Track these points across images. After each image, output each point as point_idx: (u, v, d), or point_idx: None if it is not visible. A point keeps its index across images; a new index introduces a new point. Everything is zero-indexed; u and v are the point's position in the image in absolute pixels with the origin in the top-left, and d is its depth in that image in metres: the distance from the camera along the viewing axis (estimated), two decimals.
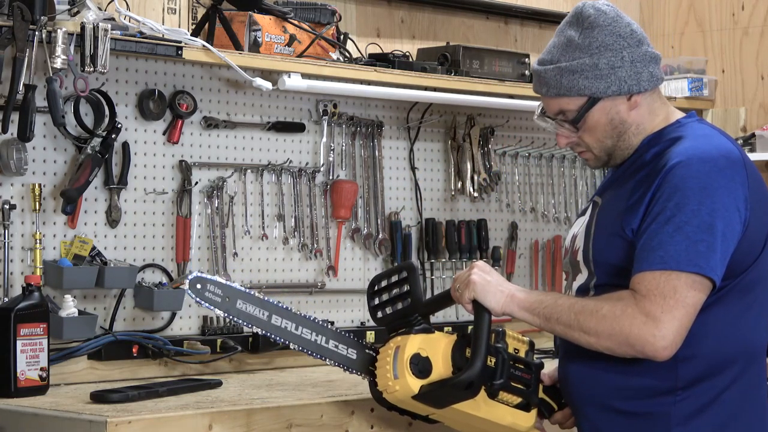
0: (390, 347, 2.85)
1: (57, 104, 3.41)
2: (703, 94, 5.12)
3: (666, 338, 2.59)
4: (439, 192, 4.63)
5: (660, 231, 2.64)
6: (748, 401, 2.76)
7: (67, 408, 3.01)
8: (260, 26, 3.88)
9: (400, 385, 2.81)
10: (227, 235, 3.98)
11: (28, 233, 3.54)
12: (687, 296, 2.60)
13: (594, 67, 2.78)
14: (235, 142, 4.04)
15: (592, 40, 2.79)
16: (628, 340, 2.62)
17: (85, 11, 3.46)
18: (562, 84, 2.81)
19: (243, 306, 2.88)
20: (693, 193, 2.64)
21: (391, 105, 4.45)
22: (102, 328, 3.69)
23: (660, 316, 2.59)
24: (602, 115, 2.82)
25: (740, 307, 2.73)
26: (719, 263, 2.63)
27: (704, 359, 2.69)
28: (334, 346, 2.94)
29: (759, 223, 2.71)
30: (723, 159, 2.69)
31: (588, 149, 2.87)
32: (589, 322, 2.67)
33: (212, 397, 3.22)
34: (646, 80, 2.81)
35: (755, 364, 2.78)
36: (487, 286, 2.79)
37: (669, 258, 2.61)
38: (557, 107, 2.85)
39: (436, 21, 4.72)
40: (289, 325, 2.91)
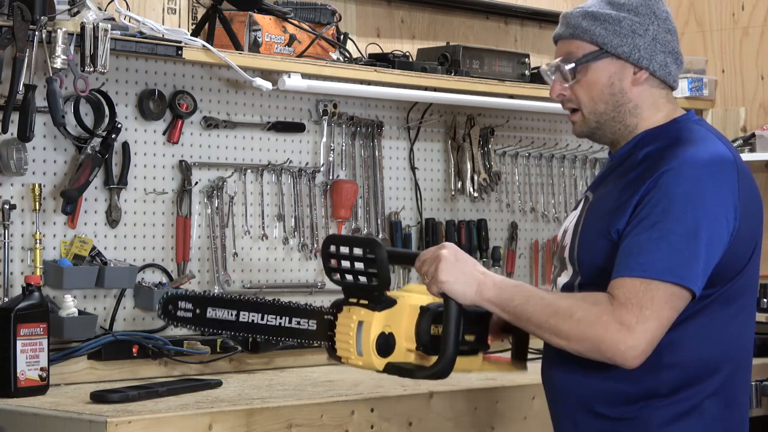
0: (352, 320, 2.78)
1: (57, 104, 3.41)
2: (703, 94, 5.12)
3: (637, 348, 2.56)
4: (439, 192, 4.63)
5: (643, 237, 2.60)
6: (731, 409, 2.74)
7: (67, 408, 3.01)
8: (260, 26, 3.88)
9: (363, 362, 2.78)
10: (227, 235, 3.99)
11: (28, 233, 3.54)
12: (663, 308, 2.56)
13: (617, 23, 2.74)
14: (235, 142, 4.04)
15: (627, 2, 2.76)
16: (600, 347, 2.58)
17: (85, 11, 3.46)
18: (580, 25, 2.76)
19: (213, 313, 2.84)
20: (680, 200, 2.60)
21: (391, 105, 4.45)
22: (102, 328, 3.69)
23: (634, 326, 2.55)
24: (604, 73, 2.76)
25: (726, 316, 2.69)
26: (701, 274, 2.59)
27: (688, 367, 2.67)
28: (296, 323, 2.86)
29: (748, 231, 2.68)
30: (715, 166, 2.65)
31: (579, 107, 2.79)
32: (562, 325, 2.61)
33: (212, 397, 3.22)
34: (659, 64, 2.77)
35: (739, 372, 2.76)
36: (453, 285, 2.69)
37: (650, 266, 2.57)
38: (566, 50, 2.78)
39: (436, 21, 4.72)
40: (256, 317, 2.86)
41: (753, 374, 4.26)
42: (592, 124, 2.79)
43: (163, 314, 2.84)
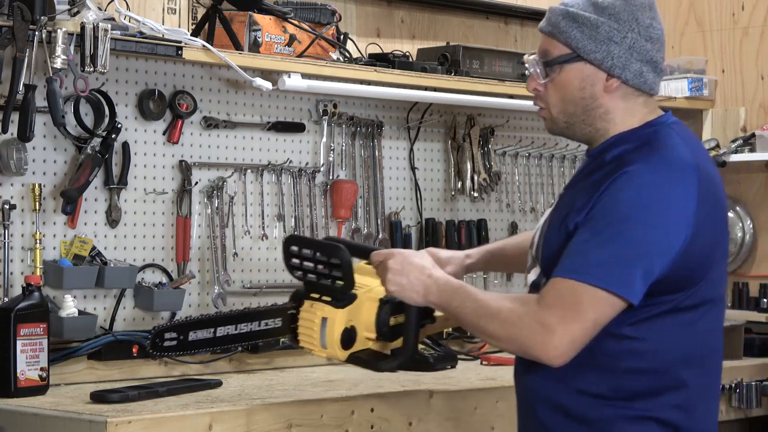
0: (316, 315, 2.90)
1: (57, 104, 3.41)
2: (703, 94, 5.12)
3: (558, 349, 2.59)
4: (439, 192, 4.63)
5: (584, 239, 2.62)
6: (696, 415, 2.72)
7: (67, 408, 3.01)
8: (260, 26, 3.88)
9: (327, 354, 2.93)
10: (227, 235, 3.99)
11: (28, 233, 3.54)
12: (589, 311, 2.58)
13: (594, 28, 2.71)
14: (235, 142, 4.04)
15: (609, 6, 2.73)
16: (524, 348, 2.64)
17: (85, 11, 3.46)
18: (559, 25, 2.75)
19: (194, 335, 2.94)
20: (627, 207, 2.60)
21: (391, 105, 4.45)
22: (102, 328, 3.69)
23: (555, 327, 2.59)
24: (576, 77, 2.74)
25: (689, 322, 2.68)
26: (639, 282, 2.58)
27: (650, 373, 2.66)
28: (265, 324, 2.99)
29: (708, 238, 2.66)
30: (672, 173, 2.63)
31: (547, 107, 2.79)
32: (490, 326, 2.69)
33: (212, 397, 3.22)
34: (633, 73, 2.73)
35: (704, 379, 2.73)
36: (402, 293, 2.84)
37: (583, 269, 2.59)
38: (545, 47, 2.78)
39: (436, 21, 4.72)
40: (230, 329, 2.98)
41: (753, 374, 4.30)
42: (561, 124, 2.80)
43: (152, 349, 2.92)
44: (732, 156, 4.93)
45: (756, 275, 5.01)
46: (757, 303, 4.87)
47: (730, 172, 5.10)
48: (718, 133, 5.08)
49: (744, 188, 5.12)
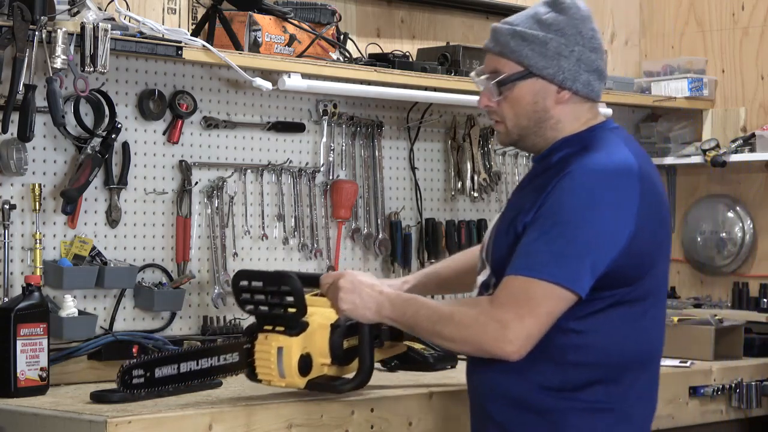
0: (271, 346, 3.02)
1: (57, 104, 3.41)
2: (703, 94, 5.12)
3: (514, 344, 2.69)
4: (439, 192, 4.63)
5: (532, 238, 2.73)
6: (638, 406, 2.84)
7: (67, 408, 3.01)
8: (260, 26, 3.88)
9: (286, 383, 3.04)
10: (227, 235, 3.99)
11: (28, 233, 3.54)
12: (541, 305, 2.69)
13: (543, 44, 2.83)
14: (235, 142, 4.04)
15: (554, 22, 2.84)
16: (480, 346, 2.74)
17: (85, 11, 3.46)
18: (508, 45, 2.86)
19: (159, 372, 3.01)
20: (572, 205, 2.71)
21: (391, 105, 4.45)
22: (102, 328, 3.69)
23: (509, 323, 2.69)
24: (529, 92, 2.86)
25: (632, 316, 2.78)
26: (586, 275, 2.69)
27: (594, 366, 2.77)
28: (224, 359, 3.08)
29: (650, 236, 2.76)
30: (614, 173, 2.74)
31: (503, 120, 2.91)
32: (445, 330, 2.79)
33: (212, 397, 3.22)
34: (582, 83, 2.85)
35: (648, 372, 2.86)
36: (355, 311, 2.96)
37: (532, 266, 2.70)
38: (494, 66, 2.89)
39: (436, 21, 4.72)
40: (192, 365, 3.06)
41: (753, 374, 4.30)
42: (515, 136, 2.92)
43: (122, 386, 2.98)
44: (732, 156, 4.93)
45: (756, 275, 5.01)
46: (757, 303, 4.87)
47: (730, 172, 5.10)
48: (718, 133, 5.08)
49: (744, 188, 5.12)
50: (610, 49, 5.26)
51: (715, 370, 4.16)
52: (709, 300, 5.09)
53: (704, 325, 4.34)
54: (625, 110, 5.22)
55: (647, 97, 5.07)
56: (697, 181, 5.24)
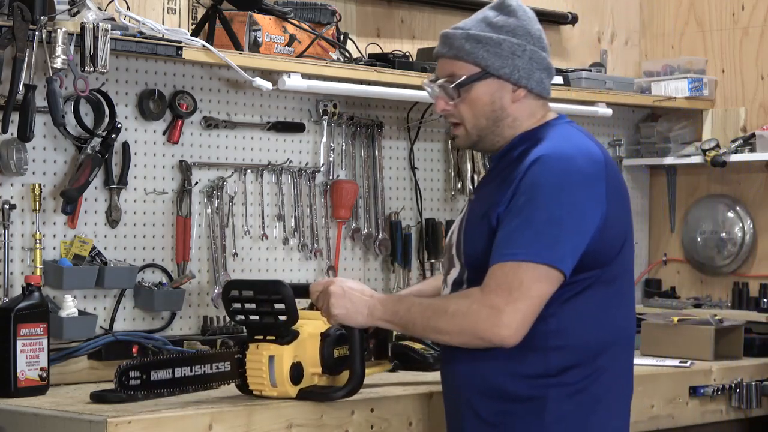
0: (262, 355, 3.05)
1: (57, 104, 3.41)
2: (703, 94, 5.11)
3: (510, 328, 2.75)
4: (439, 192, 4.63)
5: (512, 226, 2.80)
6: (617, 385, 2.93)
7: (67, 408, 3.01)
8: (260, 26, 3.88)
9: (278, 392, 3.06)
10: (227, 235, 3.99)
11: (28, 233, 3.54)
12: (532, 288, 2.76)
13: (497, 45, 2.94)
14: (235, 142, 4.04)
15: (505, 24, 2.95)
16: (477, 334, 2.79)
17: (85, 11, 3.46)
18: (464, 48, 2.95)
19: (156, 375, 3.03)
20: (545, 189, 2.79)
21: (391, 105, 4.45)
22: (102, 328, 3.69)
23: (503, 308, 2.75)
24: (486, 92, 2.96)
25: (605, 299, 2.88)
26: (568, 255, 2.78)
27: (574, 348, 2.85)
28: (216, 368, 3.09)
29: (617, 219, 2.86)
30: (580, 157, 2.84)
31: (462, 122, 3.00)
32: (440, 323, 2.85)
33: (212, 397, 3.22)
34: (536, 81, 2.96)
35: (623, 353, 2.94)
36: (347, 316, 3.00)
37: (517, 250, 2.77)
38: (450, 70, 2.98)
39: (436, 21, 4.72)
40: (186, 371, 3.07)
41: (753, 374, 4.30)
42: (474, 137, 3.01)
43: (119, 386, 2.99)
44: (732, 156, 4.93)
45: (756, 275, 5.01)
46: (757, 303, 4.87)
47: (730, 172, 5.10)
48: (718, 133, 5.08)
49: (744, 188, 5.12)
50: (610, 49, 5.26)
51: (715, 370, 4.16)
52: (709, 300, 5.09)
53: (704, 325, 4.34)
54: (625, 110, 5.22)
55: (647, 97, 5.07)
56: (697, 181, 5.24)
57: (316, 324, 3.11)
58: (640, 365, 4.09)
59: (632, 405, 3.04)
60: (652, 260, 5.33)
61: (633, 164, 5.25)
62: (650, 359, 4.23)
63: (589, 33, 5.22)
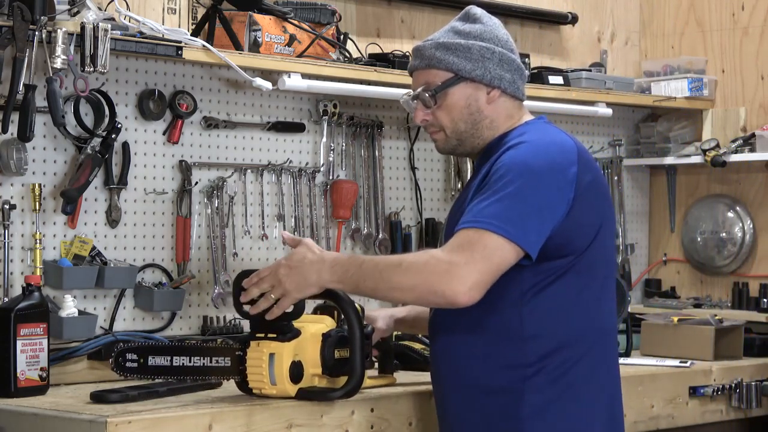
0: (263, 352, 3.04)
1: (57, 104, 3.41)
2: (703, 94, 5.11)
3: (464, 284, 2.75)
4: (439, 192, 4.63)
5: (480, 200, 2.83)
6: (597, 377, 2.93)
7: (67, 408, 3.01)
8: (260, 26, 3.88)
9: (278, 390, 3.05)
10: (227, 235, 3.99)
11: (28, 233, 3.54)
12: (494, 254, 2.77)
13: (467, 50, 3.01)
14: (235, 142, 4.04)
15: (471, 30, 3.03)
16: (431, 287, 2.78)
17: (85, 11, 3.46)
18: (434, 56, 3.02)
19: (153, 360, 3.05)
20: (515, 173, 2.83)
21: (391, 105, 4.45)
22: (102, 328, 3.69)
23: (462, 265, 2.76)
24: (462, 96, 3.02)
25: (581, 287, 2.90)
26: (533, 234, 2.80)
27: (551, 337, 2.87)
28: (216, 362, 3.08)
29: (590, 207, 2.89)
30: (553, 146, 2.90)
31: (441, 129, 3.06)
32: (393, 276, 2.83)
33: (212, 397, 3.22)
34: (508, 82, 3.03)
35: (602, 343, 2.96)
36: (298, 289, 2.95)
37: (482, 219, 2.79)
38: (424, 80, 3.05)
39: (436, 21, 4.71)
40: (185, 360, 3.08)
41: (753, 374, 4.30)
42: (454, 142, 3.07)
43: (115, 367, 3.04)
44: (732, 156, 4.93)
45: (756, 275, 5.01)
46: (757, 303, 4.87)
47: (730, 172, 5.10)
48: (718, 133, 5.08)
49: (744, 188, 5.12)
50: (610, 49, 5.26)
51: (715, 370, 4.16)
52: (709, 300, 5.09)
53: (704, 325, 4.34)
54: (625, 110, 5.22)
55: (647, 97, 5.07)
56: (697, 181, 5.24)
57: (318, 326, 3.11)
58: (640, 365, 4.10)
59: (632, 405, 3.04)
60: (652, 260, 5.33)
61: (633, 164, 5.25)
62: (650, 359, 4.23)
63: (589, 33, 5.22)
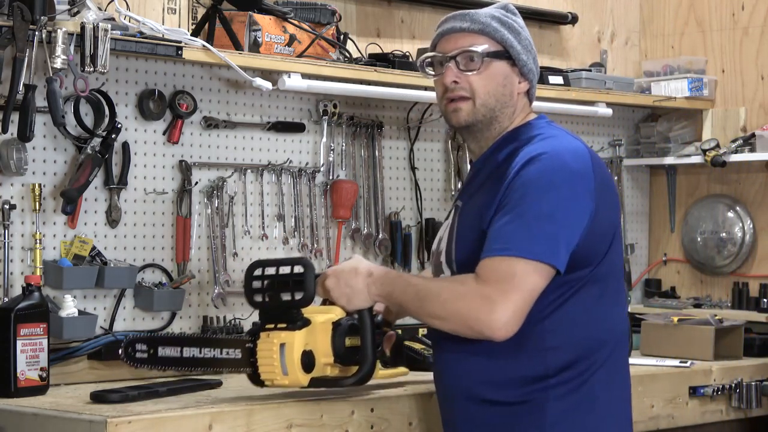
0: (273, 343, 3.00)
1: (57, 104, 3.41)
2: (703, 94, 5.11)
3: (501, 320, 2.73)
4: (439, 192, 4.63)
5: (503, 221, 2.78)
6: (614, 383, 2.92)
7: (67, 408, 3.01)
8: (260, 26, 3.88)
9: (289, 380, 3.01)
10: (227, 235, 3.99)
11: (28, 233, 3.54)
12: (525, 281, 2.74)
13: (518, 33, 2.98)
14: (235, 142, 4.04)
15: (516, 21, 3.00)
16: (467, 323, 2.77)
17: (85, 11, 3.46)
18: (490, 24, 2.95)
19: (163, 351, 3.03)
20: (537, 187, 2.78)
21: (391, 105, 4.45)
22: (102, 328, 3.69)
23: (496, 299, 2.73)
24: (501, 72, 2.95)
25: (598, 297, 2.88)
26: (562, 250, 2.77)
27: (571, 347, 2.84)
28: (226, 353, 3.07)
29: (606, 217, 2.87)
30: (569, 155, 2.84)
31: (471, 96, 2.95)
32: (432, 307, 2.83)
33: (212, 397, 3.22)
34: (534, 80, 3.01)
35: (618, 349, 2.94)
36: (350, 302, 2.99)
37: (509, 245, 2.75)
38: (469, 42, 2.96)
39: (436, 21, 4.68)
40: (195, 352, 3.06)
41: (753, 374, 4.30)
42: (479, 116, 2.97)
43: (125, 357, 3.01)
44: (732, 156, 4.93)
45: (756, 275, 5.01)
46: (757, 303, 4.87)
47: (730, 172, 5.10)
48: (718, 133, 5.08)
49: (744, 188, 5.12)
50: (610, 49, 5.26)
51: (715, 370, 4.16)
52: (709, 300, 5.09)
53: (704, 325, 4.34)
54: (625, 110, 5.22)
55: (647, 97, 5.07)
56: (697, 181, 5.24)
57: (328, 315, 3.08)
58: (640, 365, 4.10)
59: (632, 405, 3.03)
60: (652, 260, 5.33)
61: (633, 164, 5.25)
62: (650, 359, 4.23)
63: (589, 33, 5.22)
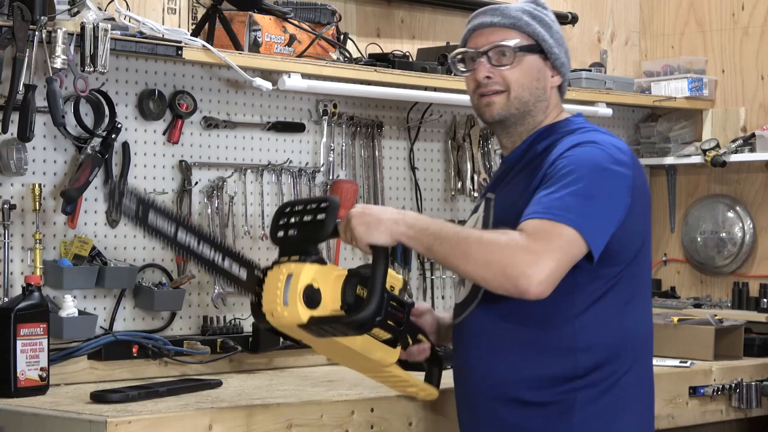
0: (282, 272, 2.84)
1: (57, 104, 3.41)
2: (703, 94, 5.12)
3: (541, 275, 2.62)
4: (439, 192, 4.63)
5: (549, 191, 2.72)
6: (641, 384, 2.89)
7: (67, 408, 3.01)
8: (260, 26, 3.88)
9: (288, 312, 2.81)
10: (227, 235, 3.99)
11: (28, 233, 3.54)
12: (570, 247, 2.66)
13: (550, 27, 2.94)
14: (235, 142, 4.04)
15: (548, 15, 2.97)
16: (505, 270, 2.64)
17: (85, 11, 3.46)
18: (522, 18, 2.92)
19: (154, 219, 2.94)
20: (584, 167, 2.74)
21: (391, 105, 4.45)
22: (102, 328, 3.69)
23: (541, 254, 2.63)
24: (534, 67, 2.92)
25: (628, 297, 2.84)
26: (600, 234, 2.70)
27: (601, 348, 2.80)
28: (228, 265, 2.99)
29: (641, 215, 2.84)
30: (613, 147, 2.81)
31: (506, 89, 2.91)
32: (470, 247, 2.69)
33: (212, 397, 3.22)
34: (567, 75, 2.98)
35: (645, 350, 2.92)
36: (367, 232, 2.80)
37: (557, 211, 2.68)
38: (501, 37, 2.91)
39: (436, 21, 4.72)
40: (192, 241, 2.98)
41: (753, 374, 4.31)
42: (513, 109, 2.92)
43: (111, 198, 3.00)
44: (732, 156, 4.93)
45: (756, 275, 5.01)
46: (757, 303, 4.87)
47: (730, 172, 5.10)
48: (718, 133, 5.09)
49: (744, 188, 5.12)
50: (610, 49, 5.26)
51: (715, 370, 4.16)
52: (709, 300, 5.09)
53: (704, 325, 4.34)
54: (625, 110, 5.22)
55: (647, 97, 5.07)
56: (697, 181, 5.24)
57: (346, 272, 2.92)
58: None
59: None
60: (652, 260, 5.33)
61: None
62: None
63: (589, 33, 5.22)
